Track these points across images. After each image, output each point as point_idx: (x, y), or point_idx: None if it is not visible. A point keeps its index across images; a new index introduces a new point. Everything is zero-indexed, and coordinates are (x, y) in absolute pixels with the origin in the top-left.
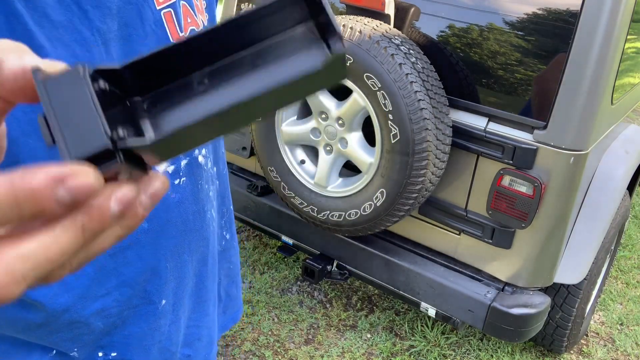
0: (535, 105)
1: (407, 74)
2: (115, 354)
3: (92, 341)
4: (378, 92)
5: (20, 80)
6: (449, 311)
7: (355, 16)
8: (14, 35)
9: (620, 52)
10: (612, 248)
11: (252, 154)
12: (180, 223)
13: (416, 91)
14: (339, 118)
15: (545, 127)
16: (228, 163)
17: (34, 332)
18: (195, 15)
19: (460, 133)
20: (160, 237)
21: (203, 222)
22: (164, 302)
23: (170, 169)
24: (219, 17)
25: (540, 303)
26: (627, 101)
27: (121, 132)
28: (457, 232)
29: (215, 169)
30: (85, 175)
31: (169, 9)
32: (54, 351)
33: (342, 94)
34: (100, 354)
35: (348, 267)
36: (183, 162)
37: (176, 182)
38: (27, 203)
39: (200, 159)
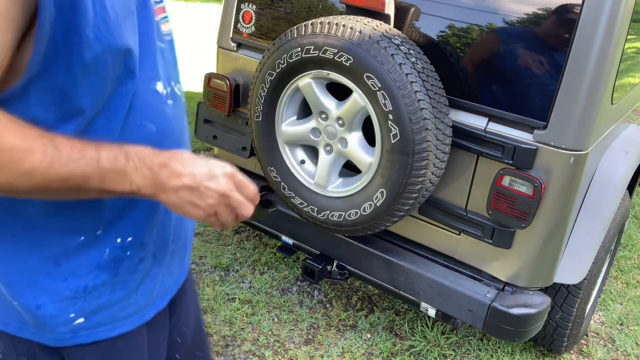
0: (535, 105)
1: (407, 74)
2: (130, 238)
3: (109, 223)
4: (378, 92)
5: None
6: (449, 311)
7: (355, 16)
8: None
9: (620, 52)
10: (612, 248)
11: (252, 154)
12: (174, 132)
13: (416, 91)
14: (339, 118)
15: (545, 127)
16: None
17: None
18: None
19: (460, 133)
20: (162, 140)
21: (185, 135)
22: None
23: (164, 92)
24: (219, 17)
25: (540, 303)
26: (627, 101)
27: None
28: (457, 232)
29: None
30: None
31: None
32: (82, 237)
33: (342, 94)
34: (118, 240)
35: (348, 267)
36: (169, 89)
37: (169, 102)
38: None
39: (176, 89)
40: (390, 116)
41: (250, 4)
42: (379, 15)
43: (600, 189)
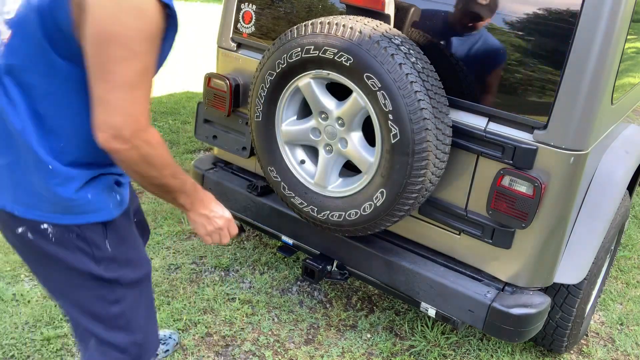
0: (535, 105)
1: (407, 74)
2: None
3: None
4: (378, 92)
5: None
6: (449, 311)
7: (355, 16)
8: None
9: (620, 52)
10: (612, 248)
11: (252, 154)
12: None
13: (416, 91)
14: (339, 118)
15: (545, 127)
16: (228, 163)
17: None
18: None
19: (460, 133)
20: None
21: None
22: None
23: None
24: (219, 17)
25: (540, 303)
26: (627, 101)
27: None
28: (457, 232)
29: None
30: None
31: None
32: (114, 180)
33: (342, 94)
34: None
35: (348, 267)
36: None
37: None
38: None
39: None
40: (390, 116)
41: (250, 4)
42: (379, 15)
43: (600, 189)
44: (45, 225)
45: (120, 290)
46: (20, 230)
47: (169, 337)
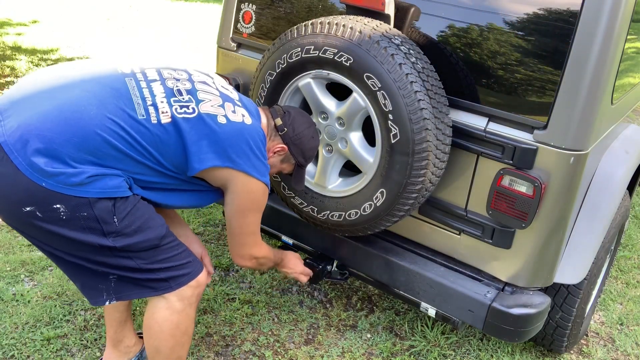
0: (535, 105)
1: (407, 74)
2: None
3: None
4: (378, 92)
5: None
6: (449, 311)
7: (355, 16)
8: None
9: (620, 52)
10: (612, 248)
11: None
12: None
13: (416, 91)
14: (339, 118)
15: (545, 127)
16: None
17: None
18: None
19: (460, 133)
20: None
21: None
22: None
23: None
24: (219, 17)
25: (540, 303)
26: (627, 101)
27: None
28: (457, 232)
29: None
30: None
31: None
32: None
33: (342, 94)
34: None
35: (348, 267)
36: None
37: None
38: None
39: None
40: (390, 116)
41: (250, 4)
42: (379, 15)
43: (600, 189)
44: (58, 205)
45: (133, 253)
46: (29, 209)
47: None
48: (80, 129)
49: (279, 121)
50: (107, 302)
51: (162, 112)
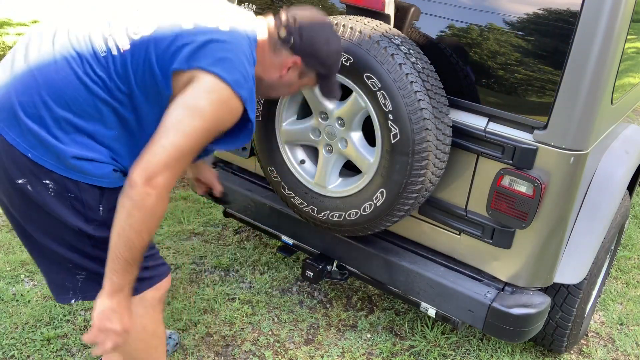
0: (535, 105)
1: (407, 74)
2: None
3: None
4: (378, 92)
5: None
6: (449, 311)
7: (355, 16)
8: None
9: (620, 52)
10: (612, 248)
11: (252, 154)
12: None
13: (416, 91)
14: (339, 118)
15: (545, 127)
16: (228, 163)
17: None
18: None
19: (460, 133)
20: None
21: None
22: None
23: None
24: None
25: (540, 303)
26: (627, 101)
27: None
28: (457, 232)
29: None
30: None
31: None
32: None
33: (342, 94)
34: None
35: (348, 267)
36: None
37: None
38: None
39: None
40: (390, 116)
41: (250, 4)
42: (379, 15)
43: (600, 189)
44: (47, 181)
45: (105, 246)
46: (21, 181)
47: (169, 337)
48: (52, 81)
49: (282, 31)
50: (73, 301)
51: (122, 40)
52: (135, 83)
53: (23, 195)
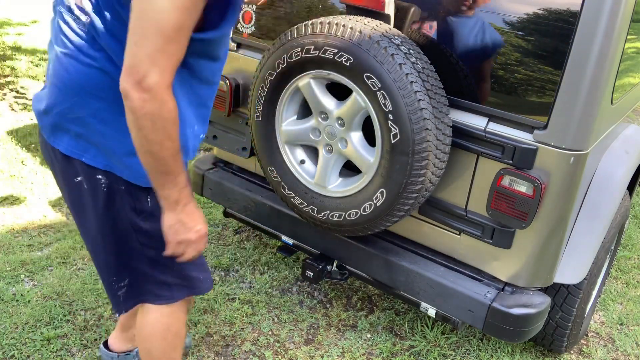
0: (535, 105)
1: (407, 74)
2: (202, 135)
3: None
4: (378, 92)
5: None
6: (449, 311)
7: (356, 16)
8: None
9: (620, 52)
10: (612, 248)
11: (252, 154)
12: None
13: (416, 91)
14: (339, 118)
15: (545, 127)
16: (228, 163)
17: None
18: None
19: (460, 133)
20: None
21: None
22: None
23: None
24: None
25: (540, 303)
26: (627, 101)
27: None
28: (457, 232)
29: None
30: None
31: None
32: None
33: (342, 94)
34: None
35: (348, 267)
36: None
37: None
38: None
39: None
40: (390, 116)
41: (250, 4)
42: (379, 15)
43: (600, 189)
44: (100, 176)
45: (156, 241)
46: (78, 179)
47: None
48: (68, 81)
49: None
50: (124, 312)
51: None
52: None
53: (80, 192)
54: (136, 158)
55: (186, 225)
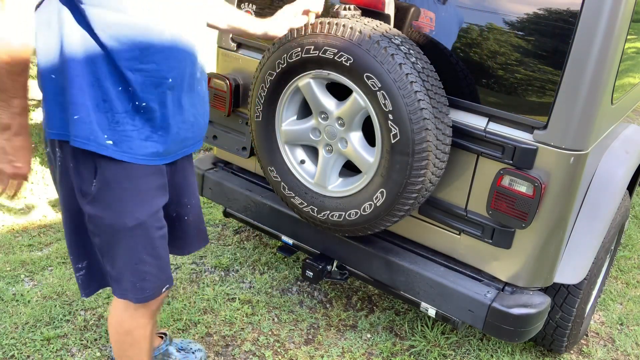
0: (535, 105)
1: (407, 74)
2: (144, 104)
3: (134, 91)
4: (378, 92)
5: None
6: (449, 311)
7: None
8: None
9: (620, 52)
10: (612, 248)
11: (252, 154)
12: None
13: (416, 91)
14: (339, 118)
15: (545, 127)
16: (228, 163)
17: None
18: None
19: (460, 133)
20: None
21: None
22: None
23: None
24: None
25: (540, 303)
26: (627, 101)
27: None
28: (457, 232)
29: None
30: None
31: None
32: (120, 87)
33: (342, 94)
34: (136, 102)
35: (348, 267)
36: None
37: None
38: None
39: None
40: (390, 116)
41: (250, 4)
42: (379, 15)
43: (600, 189)
44: (54, 148)
45: (99, 229)
46: (47, 150)
47: (193, 352)
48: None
49: None
50: (85, 296)
51: None
52: None
53: (50, 163)
54: (74, 115)
55: (7, 155)
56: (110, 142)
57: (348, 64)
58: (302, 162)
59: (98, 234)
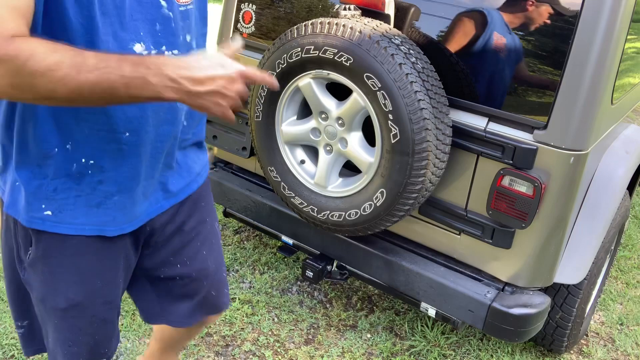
0: (535, 105)
1: (407, 74)
2: (92, 161)
3: (77, 142)
4: (378, 92)
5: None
6: (449, 311)
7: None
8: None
9: (620, 52)
10: (612, 248)
11: (252, 154)
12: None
13: (416, 91)
14: (339, 118)
15: (545, 127)
16: (228, 163)
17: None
18: None
19: (460, 133)
20: None
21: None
22: None
23: (144, 53)
24: (218, 16)
25: (540, 303)
26: (627, 101)
27: None
28: (457, 232)
29: None
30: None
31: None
32: (56, 149)
33: (342, 94)
34: (82, 160)
35: (348, 267)
36: (153, 52)
37: None
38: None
39: (171, 54)
40: (390, 116)
41: (250, 4)
42: (379, 15)
43: (600, 189)
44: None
45: (32, 295)
46: None
47: None
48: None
49: None
50: (27, 356)
51: None
52: None
53: None
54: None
55: (217, 94)
56: (49, 212)
57: (348, 64)
58: (302, 162)
59: (35, 304)
